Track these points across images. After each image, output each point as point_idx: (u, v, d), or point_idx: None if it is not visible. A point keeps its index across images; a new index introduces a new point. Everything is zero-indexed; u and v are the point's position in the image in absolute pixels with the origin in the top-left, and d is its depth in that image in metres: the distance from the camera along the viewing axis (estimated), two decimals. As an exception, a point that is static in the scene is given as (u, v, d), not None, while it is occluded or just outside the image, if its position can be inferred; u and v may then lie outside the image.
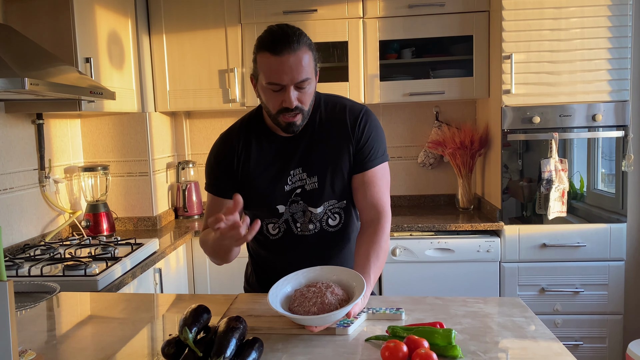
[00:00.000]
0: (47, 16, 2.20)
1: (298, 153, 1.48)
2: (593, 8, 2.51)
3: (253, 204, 1.51)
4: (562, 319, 2.62)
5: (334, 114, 1.50)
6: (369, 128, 1.48)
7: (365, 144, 1.48)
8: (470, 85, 2.84)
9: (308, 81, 1.36)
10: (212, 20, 2.89)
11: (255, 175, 1.49)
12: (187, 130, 3.34)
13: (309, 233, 1.51)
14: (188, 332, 1.01)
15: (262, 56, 1.34)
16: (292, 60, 1.31)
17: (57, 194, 2.58)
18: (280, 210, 1.49)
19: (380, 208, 1.47)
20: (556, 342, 1.17)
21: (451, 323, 1.28)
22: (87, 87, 1.98)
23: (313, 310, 1.18)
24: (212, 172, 1.54)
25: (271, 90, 1.35)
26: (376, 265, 1.38)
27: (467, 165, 2.97)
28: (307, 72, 1.35)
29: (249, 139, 1.50)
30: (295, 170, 1.48)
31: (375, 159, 1.49)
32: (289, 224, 1.51)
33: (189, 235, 2.72)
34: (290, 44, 1.31)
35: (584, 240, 2.60)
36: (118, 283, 1.92)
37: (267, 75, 1.34)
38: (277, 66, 1.31)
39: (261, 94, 1.41)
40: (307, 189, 1.48)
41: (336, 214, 1.52)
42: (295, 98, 1.35)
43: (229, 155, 1.50)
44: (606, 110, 2.55)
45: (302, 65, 1.32)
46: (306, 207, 1.49)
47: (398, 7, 2.79)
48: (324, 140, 1.48)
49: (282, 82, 1.33)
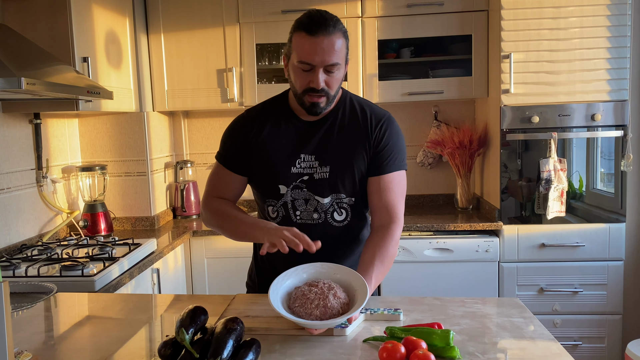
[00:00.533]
0: (45, 15, 2.19)
1: (315, 140, 1.50)
2: (592, 7, 2.50)
3: (257, 178, 1.54)
4: (561, 319, 2.62)
5: (357, 112, 1.53)
6: (389, 134, 1.50)
7: (384, 148, 1.49)
8: (469, 85, 2.83)
9: (338, 66, 1.39)
10: (210, 20, 2.88)
11: (266, 150, 1.51)
12: (185, 130, 3.33)
13: (311, 222, 1.51)
14: (185, 333, 1.01)
15: (298, 35, 1.39)
16: (325, 43, 1.36)
17: (55, 193, 2.57)
18: (282, 190, 1.50)
19: (392, 213, 1.48)
20: (555, 343, 1.17)
21: (449, 324, 1.27)
22: (84, 87, 1.97)
23: (315, 314, 1.18)
24: (226, 143, 1.58)
25: (301, 69, 1.40)
26: (380, 269, 1.38)
27: (466, 165, 2.97)
28: (338, 57, 1.38)
29: (269, 116, 1.54)
30: (307, 156, 1.49)
31: (393, 165, 1.50)
32: (287, 209, 1.51)
33: (187, 235, 2.71)
34: (326, 27, 1.36)
35: (582, 240, 2.60)
36: (115, 283, 1.92)
37: (299, 54, 1.38)
38: (311, 46, 1.36)
39: (290, 73, 1.45)
40: (315, 177, 1.49)
41: (343, 209, 1.52)
42: (323, 80, 1.39)
43: (245, 129, 1.54)
44: (605, 109, 2.55)
45: (335, 49, 1.37)
46: (311, 196, 1.50)
47: (397, 7, 2.79)
48: (343, 134, 1.50)
49: (312, 62, 1.37)
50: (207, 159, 3.35)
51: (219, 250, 2.74)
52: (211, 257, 2.76)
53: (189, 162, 3.21)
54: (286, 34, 2.99)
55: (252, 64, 2.88)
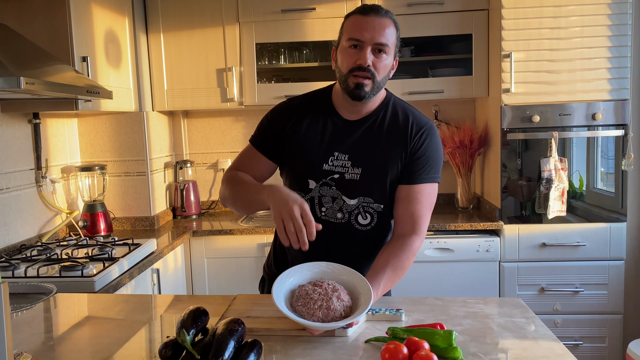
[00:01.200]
0: (44, 15, 2.18)
1: (351, 139, 1.47)
2: (593, 6, 2.49)
3: (287, 168, 1.53)
4: (562, 319, 2.61)
5: (398, 117, 1.49)
6: (428, 144, 1.47)
7: (419, 158, 1.46)
8: (470, 84, 2.83)
9: (386, 49, 1.39)
10: (209, 19, 2.87)
11: (301, 143, 1.49)
12: (185, 130, 3.32)
13: (334, 220, 1.49)
14: (186, 335, 1.00)
15: (350, 18, 1.42)
16: (376, 22, 1.37)
17: (54, 193, 2.57)
18: (310, 185, 1.48)
19: (416, 225, 1.45)
20: (557, 343, 1.16)
21: (451, 324, 1.27)
22: (83, 86, 1.96)
23: (318, 315, 1.17)
24: (262, 127, 1.57)
25: (350, 47, 1.39)
26: (390, 278, 1.36)
27: (467, 165, 2.96)
28: (388, 40, 1.38)
29: (309, 109, 1.52)
30: (341, 155, 1.47)
31: (427, 176, 1.47)
32: (313, 203, 1.49)
33: (187, 235, 2.71)
34: (378, 11, 1.39)
35: (583, 239, 2.59)
36: (115, 284, 1.91)
37: (349, 32, 1.39)
38: (361, 23, 1.38)
39: (339, 57, 1.43)
40: (346, 177, 1.47)
41: (368, 214, 1.49)
42: (371, 60, 1.37)
43: (284, 118, 1.52)
44: (606, 109, 2.54)
45: (385, 30, 1.38)
46: (339, 195, 1.47)
47: (397, 6, 2.78)
48: (381, 137, 1.47)
49: (362, 38, 1.37)
50: (207, 158, 3.34)
51: (219, 250, 2.74)
52: (211, 257, 2.75)
53: (188, 162, 3.20)
54: (286, 33, 3.00)
55: (252, 63, 2.87)
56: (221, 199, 1.56)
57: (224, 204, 1.56)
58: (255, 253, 2.72)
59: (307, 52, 3.03)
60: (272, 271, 1.66)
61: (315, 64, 2.95)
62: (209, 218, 3.10)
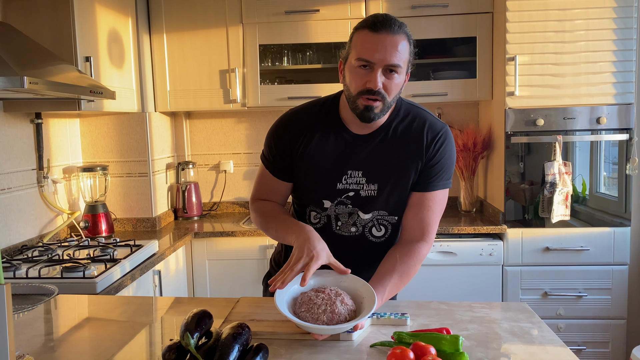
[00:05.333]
0: (47, 14, 2.17)
1: (363, 155, 1.41)
2: (598, 10, 2.49)
3: (301, 188, 1.49)
4: (565, 324, 2.60)
5: (411, 126, 1.42)
6: (443, 150, 1.41)
7: (434, 165, 1.41)
8: (474, 87, 2.82)
9: (398, 69, 1.30)
10: (213, 20, 2.86)
11: (312, 164, 1.43)
12: (187, 131, 3.31)
13: (348, 234, 1.47)
14: (190, 338, 0.99)
15: (359, 33, 1.31)
16: (388, 41, 1.27)
17: (56, 194, 2.55)
18: (326, 205, 1.45)
19: (425, 232, 1.43)
20: (564, 349, 1.15)
21: (457, 329, 1.25)
22: (86, 87, 1.95)
23: (322, 319, 1.15)
24: (271, 148, 1.48)
25: (358, 67, 1.30)
26: (395, 283, 1.34)
27: (470, 168, 2.95)
28: (400, 59, 1.29)
29: (318, 126, 1.43)
30: (354, 172, 1.42)
31: (439, 183, 1.43)
32: (330, 219, 1.47)
33: (189, 236, 2.69)
34: (390, 26, 1.28)
35: (587, 244, 2.58)
36: (117, 285, 1.90)
37: (359, 50, 1.29)
38: (372, 42, 1.27)
39: (347, 75, 1.35)
40: (361, 194, 1.42)
41: (382, 226, 1.47)
42: (381, 82, 1.29)
43: (292, 137, 1.44)
44: (610, 113, 2.53)
45: (397, 49, 1.28)
46: (355, 211, 1.45)
47: (401, 8, 2.77)
48: (395, 150, 1.40)
49: (372, 60, 1.27)
50: (209, 160, 3.33)
51: (221, 252, 2.72)
52: (212, 258, 2.74)
53: (190, 163, 3.19)
54: (289, 35, 2.99)
55: (255, 64, 2.86)
56: (254, 222, 1.57)
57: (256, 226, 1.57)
58: (257, 255, 2.70)
59: (310, 54, 3.02)
60: (279, 265, 1.64)
61: (319, 66, 2.94)
62: (210, 220, 3.09)
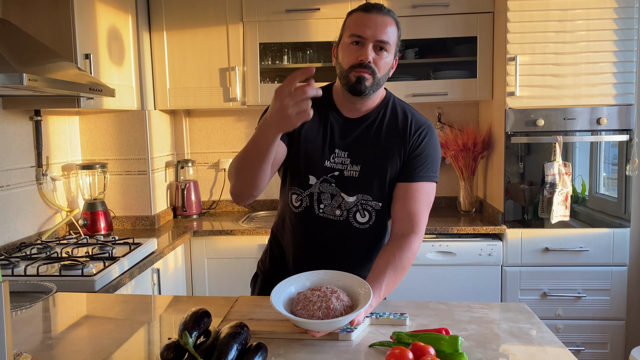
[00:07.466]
0: (47, 11, 2.17)
1: (351, 137, 1.48)
2: (599, 10, 2.48)
3: (290, 162, 1.51)
4: (564, 324, 2.60)
5: (397, 116, 1.51)
6: (426, 142, 1.48)
7: (418, 156, 1.47)
8: (474, 87, 2.81)
9: (387, 47, 1.39)
10: (213, 18, 2.86)
11: (303, 139, 1.49)
12: (186, 129, 3.31)
13: (333, 218, 1.49)
14: (188, 337, 0.98)
15: (352, 16, 1.43)
16: (379, 20, 1.38)
17: (55, 191, 2.55)
18: (311, 181, 1.48)
19: (414, 224, 1.45)
20: (564, 350, 1.15)
21: (456, 329, 1.25)
22: (86, 84, 1.94)
23: (317, 315, 1.15)
24: None
25: (351, 43, 1.39)
26: (391, 279, 1.35)
27: (470, 168, 2.95)
28: (389, 37, 1.39)
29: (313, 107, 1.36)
30: (341, 152, 1.48)
31: (424, 174, 1.47)
32: (312, 200, 1.49)
33: (188, 235, 2.69)
34: (381, 9, 1.40)
35: (586, 244, 2.57)
36: (115, 283, 1.89)
37: (351, 28, 1.40)
38: (364, 20, 1.39)
39: (340, 54, 1.44)
40: (345, 174, 1.47)
41: (367, 212, 1.50)
42: (372, 57, 1.38)
43: None
44: (611, 113, 2.53)
45: (387, 28, 1.38)
46: (338, 192, 1.48)
47: (402, 7, 2.76)
48: (380, 136, 1.48)
49: (364, 35, 1.37)
50: (208, 158, 3.33)
51: (220, 250, 2.72)
52: (211, 257, 2.73)
53: (190, 162, 3.19)
54: (290, 34, 2.98)
55: (255, 63, 2.86)
56: (232, 192, 1.43)
57: (235, 196, 1.42)
58: (255, 254, 2.70)
59: (310, 53, 3.01)
60: (265, 267, 1.67)
61: (319, 65, 2.93)
62: (209, 218, 3.09)
